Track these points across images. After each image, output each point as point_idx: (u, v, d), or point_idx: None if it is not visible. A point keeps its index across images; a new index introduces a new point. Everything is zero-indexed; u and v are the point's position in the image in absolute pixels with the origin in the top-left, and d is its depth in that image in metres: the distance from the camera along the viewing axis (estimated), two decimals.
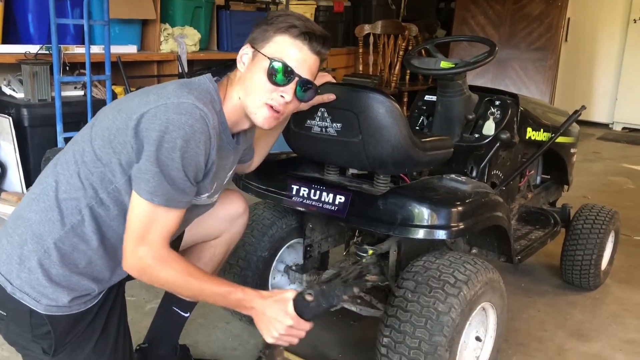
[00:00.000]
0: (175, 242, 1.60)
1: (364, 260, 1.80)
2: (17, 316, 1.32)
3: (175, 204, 1.29)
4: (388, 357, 1.65)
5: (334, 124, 1.73)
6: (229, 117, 1.41)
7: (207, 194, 1.43)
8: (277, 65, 1.34)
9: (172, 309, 1.81)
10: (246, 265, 2.07)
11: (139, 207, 1.28)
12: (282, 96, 1.37)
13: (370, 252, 1.84)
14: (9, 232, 1.35)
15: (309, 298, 1.35)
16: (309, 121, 1.79)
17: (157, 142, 1.22)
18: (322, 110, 1.73)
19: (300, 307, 1.35)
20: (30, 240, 1.31)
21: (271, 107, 1.37)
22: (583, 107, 2.53)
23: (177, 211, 1.30)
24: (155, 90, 1.32)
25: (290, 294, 1.36)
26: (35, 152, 3.18)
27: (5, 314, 1.33)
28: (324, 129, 1.77)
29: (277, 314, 1.34)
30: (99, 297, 1.41)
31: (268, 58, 1.35)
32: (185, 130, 1.23)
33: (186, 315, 1.83)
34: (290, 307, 1.34)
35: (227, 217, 1.73)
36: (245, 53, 1.40)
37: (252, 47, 1.39)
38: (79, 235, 1.32)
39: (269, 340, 1.38)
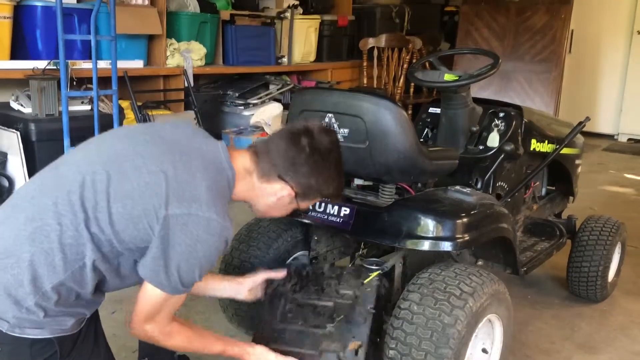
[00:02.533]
0: None
1: (365, 282, 1.79)
2: (14, 350, 1.27)
3: (185, 292, 1.39)
4: None
5: (341, 130, 1.74)
6: (234, 197, 1.49)
7: None
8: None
9: None
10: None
11: (152, 293, 1.36)
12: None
13: (375, 273, 1.79)
14: None
15: None
16: None
17: (183, 254, 1.31)
18: (330, 115, 1.74)
19: None
20: (27, 283, 1.25)
21: None
22: (587, 119, 2.54)
23: (185, 295, 1.41)
24: (186, 176, 1.32)
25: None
26: (42, 166, 3.11)
27: (0, 349, 1.27)
28: None
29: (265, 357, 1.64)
30: None
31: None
32: (210, 252, 1.34)
33: None
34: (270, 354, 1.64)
35: None
36: (286, 195, 1.48)
37: (296, 197, 1.49)
38: (76, 281, 1.29)
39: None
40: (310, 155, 1.44)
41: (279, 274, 1.87)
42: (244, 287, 1.85)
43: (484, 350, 1.85)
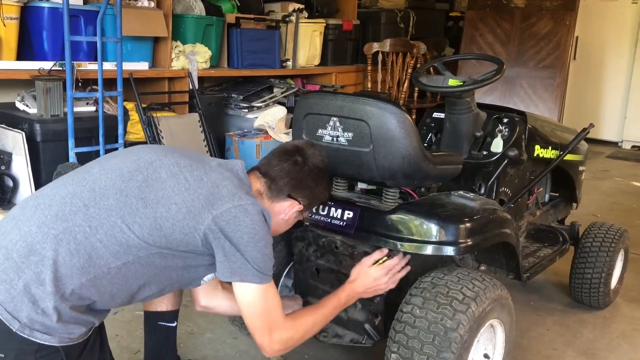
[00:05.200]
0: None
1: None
2: (20, 355, 1.26)
3: (269, 278, 1.44)
4: None
5: (345, 134, 1.75)
6: None
7: None
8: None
9: (158, 324, 1.83)
10: None
11: (250, 299, 1.42)
12: None
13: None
14: (20, 267, 1.25)
15: None
16: (320, 130, 1.81)
17: (250, 242, 1.38)
18: (334, 119, 1.75)
19: None
20: (49, 282, 1.25)
21: None
22: (591, 125, 2.54)
23: (272, 284, 1.46)
24: (219, 180, 1.42)
25: (366, 259, 1.76)
26: (47, 167, 3.21)
27: (3, 355, 1.26)
28: (335, 139, 1.79)
29: (371, 277, 1.75)
30: None
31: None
32: (266, 230, 1.43)
33: (174, 325, 1.85)
34: (372, 268, 1.75)
35: None
36: (295, 210, 1.61)
37: (302, 211, 1.64)
38: (96, 286, 1.30)
39: (385, 291, 1.78)
40: (311, 170, 1.60)
41: None
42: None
43: (486, 356, 1.85)
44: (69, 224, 1.29)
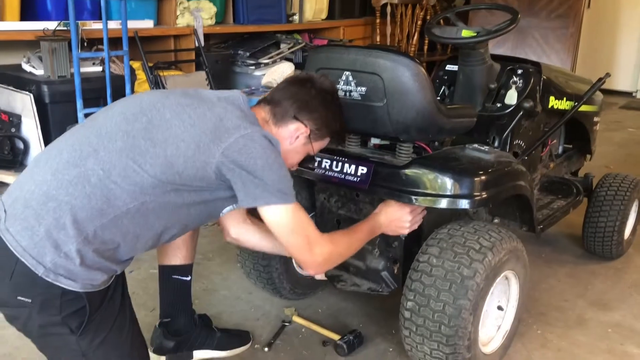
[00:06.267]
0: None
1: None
2: (46, 300, 1.28)
3: (293, 198, 1.45)
4: (412, 320, 1.67)
5: (359, 88, 1.72)
6: None
7: None
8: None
9: (173, 278, 1.86)
10: None
11: (281, 221, 1.44)
12: None
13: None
14: (39, 213, 1.28)
15: None
16: None
17: (265, 167, 1.39)
18: (347, 74, 1.72)
19: None
20: (70, 225, 1.27)
21: None
22: (607, 75, 2.49)
23: (298, 204, 1.47)
24: (222, 114, 1.42)
25: (390, 200, 1.76)
26: (56, 128, 3.21)
27: (30, 300, 1.28)
28: (347, 93, 1.76)
29: (397, 214, 1.76)
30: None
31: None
32: (277, 152, 1.44)
33: (188, 279, 1.88)
34: (396, 205, 1.75)
35: None
36: (302, 134, 1.57)
37: (309, 137, 1.59)
38: (117, 227, 1.32)
39: (406, 232, 1.80)
40: (319, 93, 1.57)
41: None
42: None
43: (500, 308, 1.87)
44: (81, 169, 1.31)
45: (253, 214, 1.69)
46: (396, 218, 1.77)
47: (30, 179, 1.34)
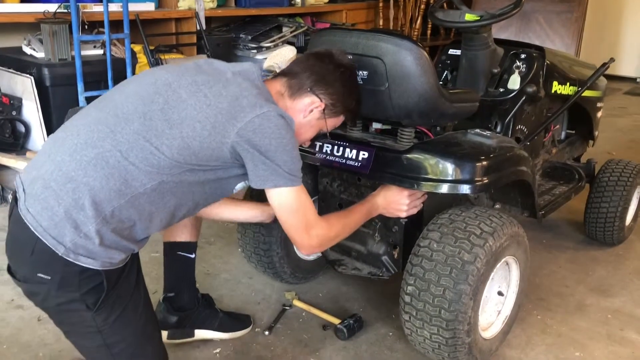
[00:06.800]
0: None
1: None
2: (65, 277, 1.30)
3: (300, 180, 1.47)
4: (412, 305, 1.68)
5: (360, 72, 1.71)
6: None
7: None
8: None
9: (178, 254, 1.88)
10: (266, 224, 2.09)
11: (284, 201, 1.46)
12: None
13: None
14: (58, 194, 1.29)
15: None
16: None
17: (278, 148, 1.40)
18: (350, 57, 1.71)
19: None
20: (89, 206, 1.28)
21: None
22: (612, 60, 2.47)
23: (303, 187, 1.49)
24: (238, 92, 1.41)
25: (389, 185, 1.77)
26: (57, 111, 3.20)
27: (49, 277, 1.30)
28: None
29: (395, 196, 1.77)
30: None
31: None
32: (291, 133, 1.45)
33: (192, 256, 1.90)
34: (395, 188, 1.76)
35: None
36: (316, 108, 1.56)
37: (324, 112, 1.57)
38: (135, 206, 1.33)
39: (404, 215, 1.80)
40: (337, 68, 1.56)
41: None
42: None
43: (500, 293, 1.88)
44: (99, 150, 1.32)
45: None
46: (394, 200, 1.78)
47: (49, 159, 1.35)
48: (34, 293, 1.36)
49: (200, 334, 1.95)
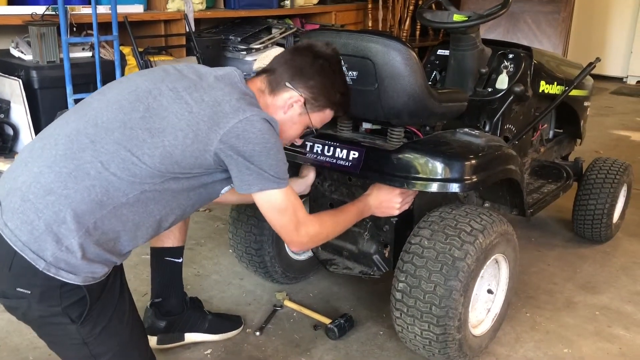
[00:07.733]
0: None
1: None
2: (46, 292, 1.27)
3: (287, 182, 1.46)
4: (403, 302, 1.69)
5: (350, 72, 1.72)
6: None
7: None
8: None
9: (165, 259, 1.87)
10: (258, 224, 2.10)
11: (273, 203, 1.45)
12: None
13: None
14: (38, 207, 1.26)
15: None
16: None
17: (262, 153, 1.38)
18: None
19: None
20: (70, 219, 1.25)
21: None
22: (597, 59, 2.49)
23: (290, 187, 1.48)
24: (220, 97, 1.39)
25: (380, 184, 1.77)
26: (46, 114, 3.19)
27: (29, 292, 1.27)
28: None
29: (387, 195, 1.77)
30: None
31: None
32: (276, 137, 1.42)
33: (179, 261, 1.89)
34: (387, 188, 1.76)
35: None
36: (295, 102, 1.52)
37: (305, 106, 1.53)
38: (117, 217, 1.31)
39: (396, 213, 1.80)
40: (315, 60, 1.52)
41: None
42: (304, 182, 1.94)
43: (489, 291, 1.89)
44: (79, 161, 1.29)
45: None
46: (386, 200, 1.77)
47: (26, 170, 1.31)
48: (14, 308, 1.33)
49: (190, 337, 1.94)
